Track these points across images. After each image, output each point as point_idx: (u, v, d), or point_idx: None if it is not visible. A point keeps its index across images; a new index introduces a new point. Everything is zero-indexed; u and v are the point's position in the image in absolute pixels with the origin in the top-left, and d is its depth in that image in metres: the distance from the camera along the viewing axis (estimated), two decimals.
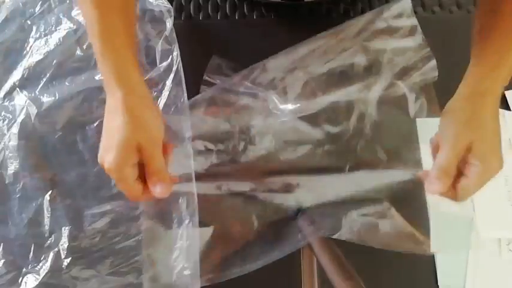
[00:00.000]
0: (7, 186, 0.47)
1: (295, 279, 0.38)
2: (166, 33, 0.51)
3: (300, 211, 0.42)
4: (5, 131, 0.48)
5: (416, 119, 0.50)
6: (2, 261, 0.44)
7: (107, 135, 0.35)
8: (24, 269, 0.44)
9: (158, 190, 0.34)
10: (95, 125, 0.48)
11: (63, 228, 0.45)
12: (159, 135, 0.36)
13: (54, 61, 0.51)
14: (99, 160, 0.35)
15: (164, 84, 0.49)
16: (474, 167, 0.34)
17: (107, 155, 0.34)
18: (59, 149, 0.48)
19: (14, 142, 0.48)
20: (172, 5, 0.53)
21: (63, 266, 0.44)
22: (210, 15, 0.56)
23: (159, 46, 0.51)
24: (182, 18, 0.56)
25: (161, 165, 0.35)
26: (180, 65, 0.50)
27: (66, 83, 0.50)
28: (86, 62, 0.51)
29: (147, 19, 0.53)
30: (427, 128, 0.50)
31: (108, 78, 0.36)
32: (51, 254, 0.44)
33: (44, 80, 0.50)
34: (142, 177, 0.35)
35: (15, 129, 0.48)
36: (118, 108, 0.34)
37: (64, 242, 0.44)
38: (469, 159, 0.34)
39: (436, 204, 0.47)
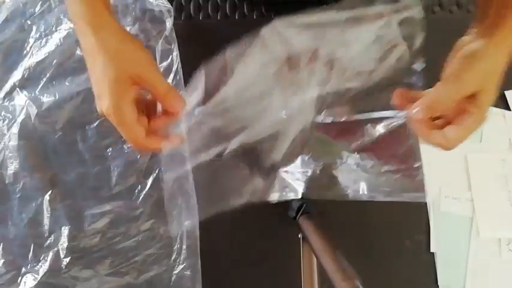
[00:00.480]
0: (7, 186, 0.47)
1: (295, 279, 0.38)
2: (166, 33, 0.51)
3: (300, 211, 0.42)
4: (5, 131, 0.48)
5: None
6: (2, 261, 0.44)
7: (95, 83, 0.33)
8: (23, 269, 0.44)
9: (175, 104, 0.33)
10: (95, 125, 0.48)
11: (62, 228, 0.45)
12: (149, 58, 0.34)
13: (54, 61, 0.51)
14: (98, 111, 0.33)
15: None
16: (471, 115, 0.33)
17: (102, 100, 0.32)
18: (59, 149, 0.48)
19: (14, 142, 0.48)
20: (172, 5, 0.53)
21: (62, 266, 0.44)
22: (210, 15, 0.56)
23: (159, 46, 0.51)
24: (182, 18, 0.56)
25: (166, 83, 0.34)
26: (180, 65, 0.50)
27: (66, 83, 0.50)
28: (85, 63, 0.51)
29: (147, 19, 0.53)
30: None
31: (77, 19, 0.33)
32: (51, 254, 0.44)
33: (44, 80, 0.50)
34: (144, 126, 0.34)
35: (15, 129, 0.48)
36: (94, 49, 0.32)
37: (63, 242, 0.44)
38: (468, 107, 0.33)
39: (436, 203, 0.47)
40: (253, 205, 0.47)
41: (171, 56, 0.51)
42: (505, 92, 0.51)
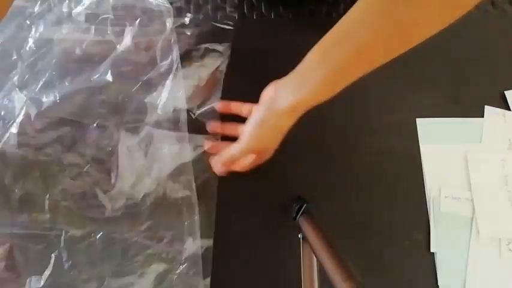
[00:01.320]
0: (7, 186, 0.47)
1: (295, 279, 0.38)
2: (166, 33, 0.51)
3: (300, 211, 0.42)
4: (5, 131, 0.48)
5: (416, 119, 0.50)
6: (3, 263, 0.44)
7: None
8: (27, 272, 0.44)
9: None
10: (95, 125, 0.48)
11: (63, 229, 0.45)
12: None
13: (54, 61, 0.51)
14: None
15: (164, 84, 0.49)
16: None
17: None
18: (59, 149, 0.48)
19: (13, 142, 0.48)
20: (172, 5, 0.53)
21: (65, 268, 0.44)
22: (210, 15, 0.56)
23: (159, 46, 0.51)
24: (183, 18, 0.56)
25: None
26: (179, 65, 0.50)
27: (66, 83, 0.50)
28: (86, 62, 0.51)
29: (147, 19, 0.53)
30: (427, 128, 0.50)
31: None
32: (53, 256, 0.44)
33: (44, 79, 0.50)
34: None
35: (14, 129, 0.48)
36: None
37: (65, 244, 0.44)
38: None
39: (436, 203, 0.47)
40: (253, 205, 0.47)
41: (171, 56, 0.51)
42: (505, 92, 0.51)
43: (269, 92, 0.42)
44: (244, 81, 0.49)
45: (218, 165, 0.45)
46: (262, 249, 0.46)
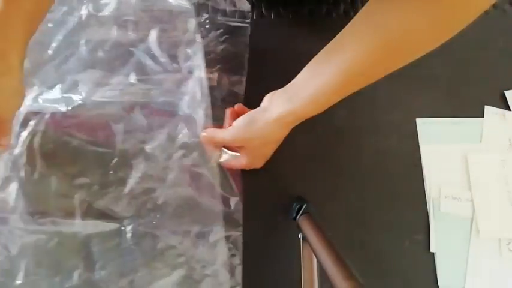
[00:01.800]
0: (36, 184, 0.46)
1: (295, 279, 0.38)
2: (189, 33, 0.51)
3: (299, 211, 0.43)
4: (33, 130, 0.48)
5: (416, 119, 0.50)
6: (35, 261, 0.44)
7: None
8: (59, 269, 0.44)
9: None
10: (121, 124, 0.48)
11: (93, 226, 0.45)
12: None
13: (79, 62, 0.51)
14: None
15: (187, 84, 0.49)
16: (242, 155, 0.45)
17: None
18: (84, 148, 0.48)
19: (41, 140, 0.47)
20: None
21: (96, 265, 0.44)
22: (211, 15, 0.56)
23: (182, 47, 0.51)
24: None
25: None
26: (203, 65, 0.50)
27: (90, 85, 0.50)
28: (109, 64, 0.51)
29: (169, 20, 0.52)
30: (427, 128, 0.50)
31: None
32: (83, 253, 0.44)
33: (69, 80, 0.50)
34: None
35: (41, 127, 0.48)
36: None
37: (95, 240, 0.45)
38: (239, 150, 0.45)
39: (436, 204, 0.47)
40: (253, 205, 0.47)
41: (194, 57, 0.50)
42: (505, 92, 0.51)
43: (265, 99, 0.44)
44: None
45: (203, 134, 0.46)
46: (262, 249, 0.46)
